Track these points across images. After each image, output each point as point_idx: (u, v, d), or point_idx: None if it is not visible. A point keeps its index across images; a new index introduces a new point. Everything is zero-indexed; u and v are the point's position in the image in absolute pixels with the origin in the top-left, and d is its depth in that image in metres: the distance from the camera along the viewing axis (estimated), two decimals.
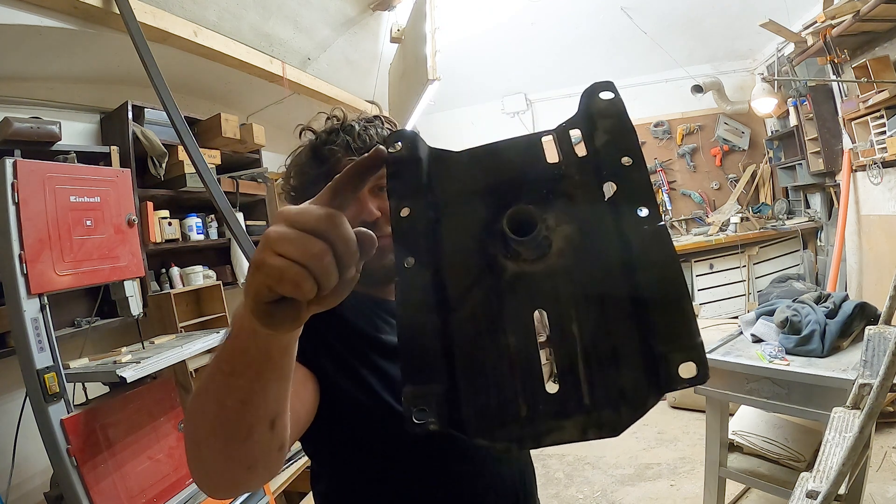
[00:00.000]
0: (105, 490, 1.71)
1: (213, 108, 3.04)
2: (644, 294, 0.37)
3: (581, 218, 0.42)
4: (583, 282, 0.40)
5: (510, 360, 0.39)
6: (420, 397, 0.39)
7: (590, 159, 0.45)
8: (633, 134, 0.45)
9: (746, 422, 2.21)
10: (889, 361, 1.12)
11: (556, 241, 0.41)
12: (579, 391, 0.37)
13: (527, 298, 0.40)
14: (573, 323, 0.39)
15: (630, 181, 0.42)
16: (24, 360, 1.66)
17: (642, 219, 0.39)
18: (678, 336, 0.36)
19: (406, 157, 0.48)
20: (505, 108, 5.15)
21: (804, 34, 3.53)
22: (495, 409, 0.39)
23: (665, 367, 0.35)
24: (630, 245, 0.39)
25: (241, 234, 2.28)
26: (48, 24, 2.00)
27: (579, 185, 0.44)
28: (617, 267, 0.39)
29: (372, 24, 3.41)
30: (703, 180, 4.96)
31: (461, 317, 0.41)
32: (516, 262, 0.41)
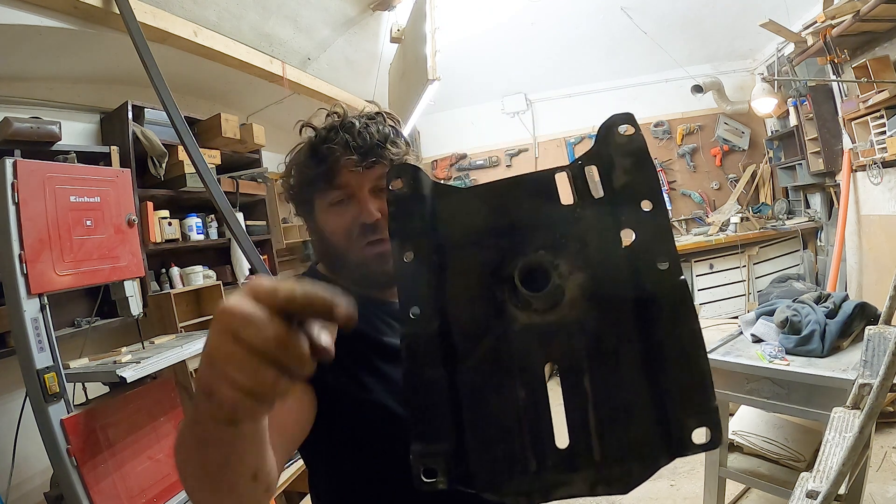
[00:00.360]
0: (105, 490, 1.71)
1: (213, 108, 3.04)
2: (661, 353, 0.36)
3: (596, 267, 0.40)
4: (596, 335, 0.38)
5: (519, 414, 0.38)
6: (428, 456, 0.38)
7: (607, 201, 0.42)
8: (655, 175, 0.42)
9: (746, 422, 2.21)
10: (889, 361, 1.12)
11: (569, 289, 0.39)
12: (590, 446, 0.36)
13: (537, 350, 0.39)
14: (585, 377, 0.38)
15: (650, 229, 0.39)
16: (24, 360, 1.66)
17: (661, 272, 0.38)
18: (693, 400, 0.35)
19: (408, 195, 0.45)
20: (505, 108, 5.15)
21: (804, 34, 3.53)
22: (504, 464, 0.38)
23: (678, 431, 0.34)
24: (648, 300, 0.37)
25: (241, 234, 2.28)
26: (48, 24, 2.00)
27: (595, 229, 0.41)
28: (633, 321, 0.38)
29: (372, 24, 3.41)
30: (703, 180, 4.96)
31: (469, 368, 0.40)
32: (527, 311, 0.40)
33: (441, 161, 5.20)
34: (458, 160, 5.19)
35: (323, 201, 0.81)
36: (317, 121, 0.85)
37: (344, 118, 0.82)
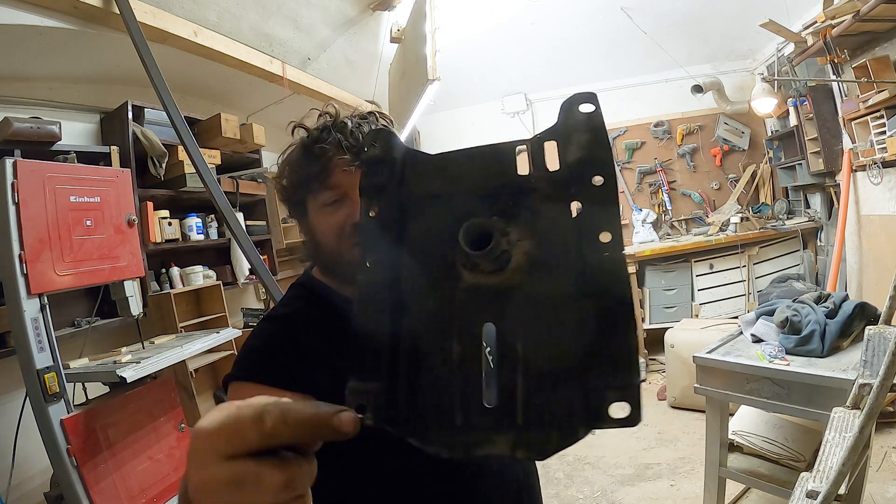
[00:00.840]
0: (105, 490, 1.71)
1: (213, 108, 3.04)
2: (591, 323, 0.37)
3: (543, 236, 0.42)
4: (534, 302, 0.40)
5: (452, 369, 0.39)
6: (361, 392, 0.40)
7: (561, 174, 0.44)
8: (609, 152, 0.44)
9: (746, 422, 2.21)
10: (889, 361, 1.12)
11: (515, 256, 0.41)
12: (514, 409, 0.37)
13: (478, 310, 0.40)
14: (518, 341, 0.39)
15: (597, 203, 0.41)
16: (24, 360, 1.66)
17: (603, 244, 0.39)
18: (616, 373, 0.35)
19: (380, 156, 0.48)
20: (505, 108, 5.15)
21: (804, 34, 3.53)
22: (431, 414, 0.39)
23: (597, 403, 0.35)
24: (586, 271, 0.39)
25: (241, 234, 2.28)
26: (48, 24, 2.00)
27: (547, 200, 0.43)
28: (570, 291, 0.39)
29: (372, 24, 3.41)
30: (703, 180, 4.95)
31: (413, 319, 0.42)
32: (474, 272, 0.41)
33: None
34: None
35: (316, 202, 0.81)
36: (309, 121, 0.84)
37: (336, 118, 0.82)
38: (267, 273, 2.25)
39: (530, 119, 5.14)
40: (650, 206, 4.97)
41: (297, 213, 0.85)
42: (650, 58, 4.52)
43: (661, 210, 4.94)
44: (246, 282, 3.25)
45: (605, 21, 4.09)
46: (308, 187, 0.81)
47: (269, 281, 2.23)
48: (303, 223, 0.85)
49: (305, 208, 0.83)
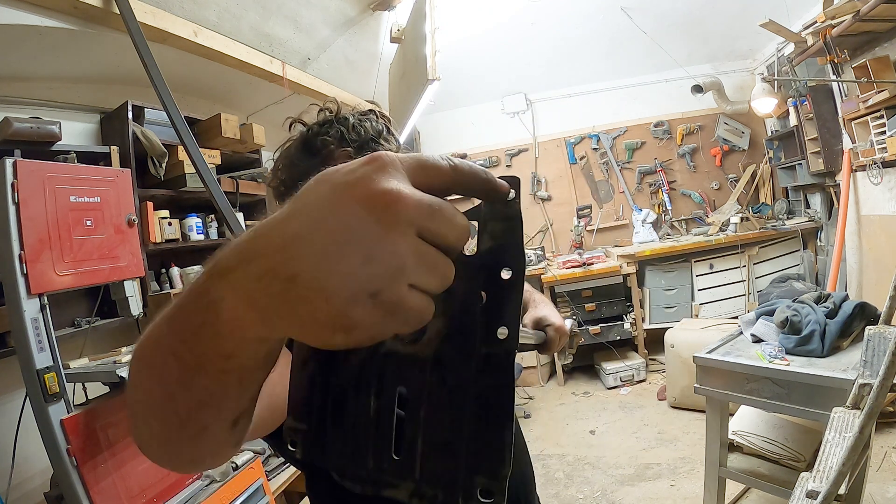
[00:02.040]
0: (105, 490, 1.71)
1: (213, 108, 3.04)
2: (477, 410, 0.41)
3: (453, 316, 0.44)
4: (440, 376, 0.43)
5: (369, 420, 0.44)
6: (293, 430, 0.45)
7: (474, 260, 0.45)
8: (520, 245, 0.45)
9: (746, 422, 2.21)
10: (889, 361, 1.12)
11: (429, 329, 0.44)
12: (413, 464, 0.42)
13: (394, 374, 0.45)
14: (422, 408, 0.43)
15: (500, 297, 0.43)
16: (24, 360, 1.66)
17: (498, 340, 0.41)
18: (488, 463, 0.39)
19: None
20: (505, 108, 5.15)
21: (804, 34, 3.53)
22: (350, 455, 0.44)
23: (468, 485, 0.39)
24: (481, 358, 0.42)
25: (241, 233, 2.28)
26: (48, 24, 2.00)
27: (461, 281, 0.43)
28: (466, 377, 0.42)
29: (372, 24, 3.41)
30: (703, 180, 4.96)
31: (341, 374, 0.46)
32: (393, 340, 0.45)
33: None
34: None
35: None
36: (307, 117, 0.84)
37: (337, 113, 0.82)
38: None
39: (530, 119, 5.15)
40: (650, 206, 4.97)
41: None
42: (650, 58, 4.52)
43: (661, 210, 4.94)
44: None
45: (605, 21, 4.09)
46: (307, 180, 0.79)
47: None
48: None
49: None
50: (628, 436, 3.17)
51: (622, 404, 3.70)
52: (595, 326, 4.14)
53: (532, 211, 5.09)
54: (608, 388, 4.01)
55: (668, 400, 3.51)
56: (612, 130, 5.03)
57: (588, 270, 4.23)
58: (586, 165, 5.07)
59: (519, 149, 5.14)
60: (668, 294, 4.36)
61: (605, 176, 5.06)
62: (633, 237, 4.94)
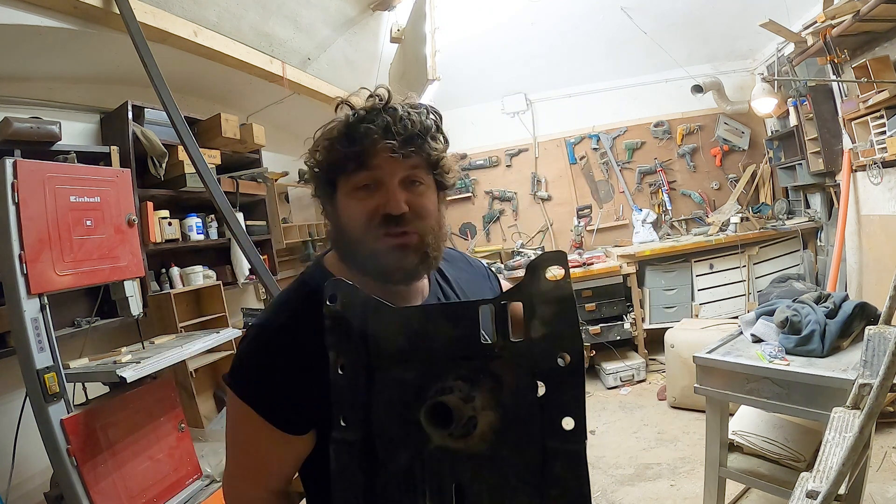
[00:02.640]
0: (105, 490, 1.71)
1: (213, 108, 3.04)
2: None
3: (507, 410, 0.41)
4: (498, 471, 0.40)
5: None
6: None
7: (525, 348, 0.42)
8: (576, 328, 0.42)
9: (746, 422, 2.21)
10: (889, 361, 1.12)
11: (480, 424, 0.41)
12: None
13: (446, 471, 0.41)
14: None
15: (562, 386, 0.40)
16: (24, 360, 1.66)
17: (565, 432, 0.39)
18: None
19: (341, 311, 0.49)
20: (505, 108, 5.15)
21: (804, 34, 3.53)
22: None
23: None
24: (547, 454, 0.39)
25: (241, 234, 2.28)
26: (48, 24, 2.00)
27: (510, 371, 0.42)
28: (531, 468, 0.39)
29: (372, 24, 3.41)
30: (703, 180, 4.96)
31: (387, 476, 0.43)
32: (441, 435, 0.42)
33: None
34: (457, 160, 5.18)
35: (348, 184, 0.76)
36: (356, 100, 0.79)
37: (388, 102, 0.77)
38: (267, 273, 2.25)
39: (530, 119, 5.14)
40: (650, 206, 4.97)
41: (325, 193, 0.80)
42: (650, 58, 4.52)
43: (661, 210, 4.94)
44: (246, 282, 3.25)
45: (605, 21, 4.09)
46: (343, 167, 0.75)
47: (269, 281, 2.23)
48: (327, 206, 0.80)
49: (335, 189, 0.78)
50: (628, 436, 3.17)
51: (622, 404, 3.70)
52: (595, 326, 4.13)
53: (532, 211, 5.09)
54: (608, 388, 4.01)
55: (668, 400, 3.51)
56: (612, 130, 5.03)
57: (588, 270, 4.23)
58: (586, 165, 5.07)
59: (519, 149, 5.14)
60: (668, 294, 4.35)
61: (605, 176, 5.06)
62: (633, 237, 4.94)
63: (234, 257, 3.15)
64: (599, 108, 5.03)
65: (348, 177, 0.75)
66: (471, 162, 5.19)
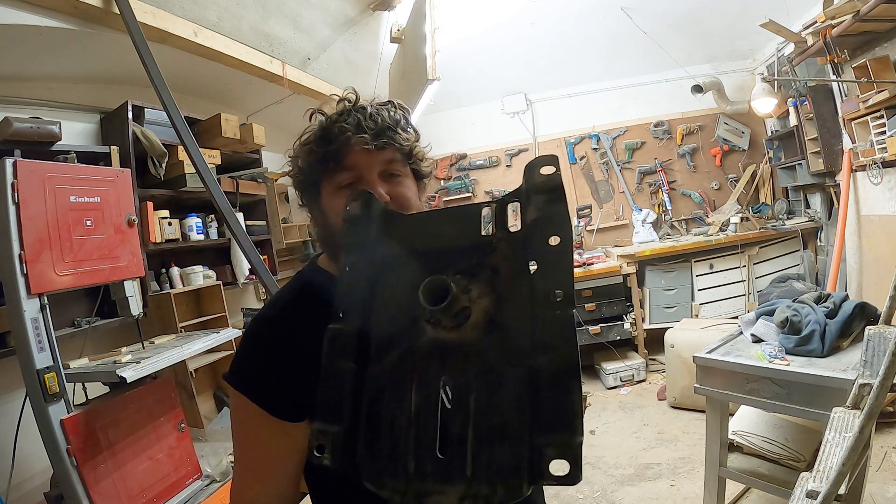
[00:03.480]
0: (105, 490, 1.71)
1: (213, 108, 3.04)
2: (539, 380, 0.38)
3: (501, 292, 0.43)
4: (489, 357, 0.40)
5: (409, 419, 0.41)
6: (322, 433, 0.42)
7: (520, 234, 0.45)
8: (565, 212, 0.45)
9: (746, 422, 2.21)
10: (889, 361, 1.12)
11: (475, 313, 0.42)
12: (464, 461, 0.38)
13: (438, 363, 0.42)
14: (471, 395, 0.40)
15: (551, 262, 0.42)
16: (24, 360, 1.66)
17: (555, 303, 0.40)
18: (558, 430, 0.36)
19: (359, 215, 0.52)
20: (505, 108, 5.15)
21: (804, 34, 3.53)
22: (387, 460, 0.40)
23: (538, 459, 0.36)
24: (538, 327, 0.39)
25: (241, 234, 2.28)
26: (48, 24, 2.00)
27: (506, 259, 0.45)
28: (523, 347, 0.39)
29: (372, 24, 3.41)
30: (703, 180, 4.96)
31: (377, 370, 0.43)
32: (436, 327, 0.43)
33: (441, 161, 5.20)
34: (458, 160, 5.19)
35: (330, 184, 0.80)
36: (327, 108, 0.84)
37: (355, 102, 0.82)
38: (267, 273, 2.25)
39: (530, 119, 5.14)
40: (650, 206, 4.97)
41: (310, 197, 0.83)
42: (650, 58, 4.52)
43: (661, 210, 4.94)
44: (246, 282, 3.25)
45: (605, 21, 4.09)
46: (324, 167, 0.79)
47: (269, 281, 2.23)
48: (314, 209, 0.84)
49: (319, 192, 0.81)
50: (628, 436, 3.17)
51: (622, 404, 3.70)
52: (595, 326, 4.13)
53: None
54: (608, 388, 4.01)
55: (668, 400, 3.51)
56: (612, 130, 5.03)
57: (588, 270, 4.23)
58: (586, 165, 5.07)
59: (519, 149, 5.14)
60: (668, 294, 4.35)
61: (605, 176, 5.06)
62: (633, 237, 4.94)
63: (234, 257, 3.15)
64: (599, 108, 5.03)
65: (330, 177, 0.79)
66: (471, 162, 5.19)
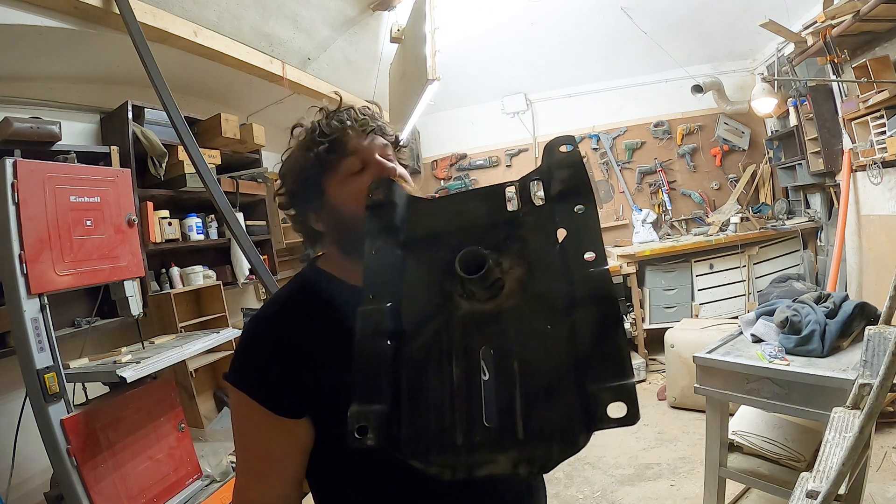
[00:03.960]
0: (105, 490, 1.71)
1: (213, 108, 3.04)
2: (582, 332, 0.39)
3: (533, 261, 0.44)
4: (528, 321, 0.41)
5: (453, 391, 0.40)
6: (363, 415, 0.40)
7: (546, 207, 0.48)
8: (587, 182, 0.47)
9: (746, 422, 2.21)
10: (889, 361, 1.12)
11: (508, 283, 0.43)
12: (514, 425, 0.38)
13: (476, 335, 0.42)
14: (515, 360, 0.40)
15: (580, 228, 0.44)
16: (24, 360, 1.66)
17: (588, 262, 0.41)
18: (610, 374, 0.36)
19: (383, 202, 0.53)
20: (505, 108, 5.15)
21: (804, 34, 3.52)
22: (433, 435, 0.40)
23: (595, 406, 0.36)
24: (575, 286, 0.40)
25: (241, 234, 2.28)
26: (48, 24, 2.00)
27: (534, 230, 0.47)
28: (561, 307, 0.40)
29: (372, 24, 3.41)
30: (703, 180, 4.96)
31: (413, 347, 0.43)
32: (470, 301, 0.43)
33: (441, 161, 5.20)
34: (458, 160, 5.19)
35: (337, 175, 0.80)
36: (306, 121, 0.85)
37: (340, 102, 0.85)
38: (267, 273, 2.25)
39: (530, 119, 5.14)
40: (650, 206, 4.97)
41: (314, 202, 0.82)
42: (650, 58, 4.52)
43: (661, 210, 4.94)
44: (246, 282, 3.25)
45: (605, 21, 4.09)
46: (328, 157, 0.80)
47: (269, 281, 2.23)
48: (320, 211, 0.82)
49: (322, 190, 0.80)
50: (628, 436, 3.17)
51: None
52: None
53: None
54: None
55: (668, 400, 3.51)
56: (612, 130, 5.03)
57: None
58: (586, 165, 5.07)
59: (519, 149, 5.14)
60: (668, 294, 4.35)
61: (605, 176, 5.06)
62: (633, 237, 4.94)
63: (234, 257, 3.15)
64: (599, 108, 5.04)
65: (335, 168, 0.80)
66: (471, 162, 5.19)
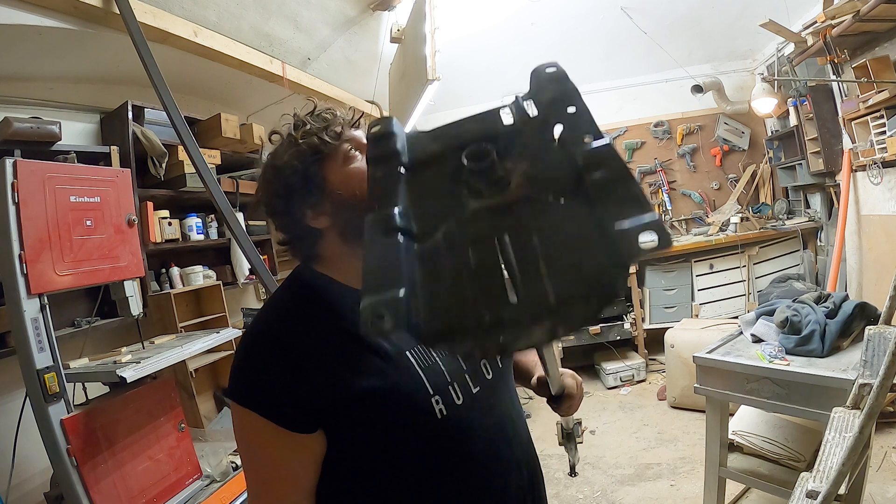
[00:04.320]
0: (105, 490, 1.71)
1: (213, 108, 3.04)
2: (595, 191, 0.39)
3: (534, 155, 0.46)
4: (540, 203, 0.42)
5: (472, 275, 0.39)
6: (378, 305, 0.36)
7: (540, 114, 0.51)
8: (575, 89, 0.50)
9: (746, 422, 2.21)
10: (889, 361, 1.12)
11: (513, 176, 0.44)
12: (544, 293, 0.36)
13: (489, 224, 0.41)
14: (533, 236, 0.39)
15: (575, 122, 0.46)
16: (24, 360, 1.66)
17: (589, 142, 0.43)
18: (633, 212, 0.36)
19: (383, 132, 0.54)
20: None
21: (804, 34, 3.53)
22: (456, 318, 0.37)
23: (626, 242, 0.35)
24: (581, 162, 0.42)
25: (241, 234, 2.28)
26: (48, 24, 2.00)
27: (532, 134, 0.49)
28: (570, 183, 0.41)
29: (372, 24, 3.41)
30: (703, 180, 4.96)
31: (427, 244, 0.42)
32: (479, 199, 0.43)
33: None
34: None
35: (338, 159, 0.79)
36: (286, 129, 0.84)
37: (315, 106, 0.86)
38: (267, 273, 2.25)
39: None
40: None
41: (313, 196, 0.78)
42: (650, 58, 4.52)
43: (661, 210, 4.94)
44: (246, 282, 3.25)
45: (605, 21, 4.09)
46: (323, 149, 0.78)
47: (269, 281, 2.23)
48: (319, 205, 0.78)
49: (321, 178, 0.78)
50: (628, 436, 3.17)
51: (622, 404, 3.70)
52: (595, 326, 4.13)
53: None
54: (608, 388, 4.01)
55: (668, 400, 3.51)
56: (612, 130, 5.03)
57: None
58: None
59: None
60: (668, 294, 4.36)
61: None
62: None
63: (234, 257, 3.15)
64: (599, 107, 5.03)
65: (333, 155, 0.79)
66: None
